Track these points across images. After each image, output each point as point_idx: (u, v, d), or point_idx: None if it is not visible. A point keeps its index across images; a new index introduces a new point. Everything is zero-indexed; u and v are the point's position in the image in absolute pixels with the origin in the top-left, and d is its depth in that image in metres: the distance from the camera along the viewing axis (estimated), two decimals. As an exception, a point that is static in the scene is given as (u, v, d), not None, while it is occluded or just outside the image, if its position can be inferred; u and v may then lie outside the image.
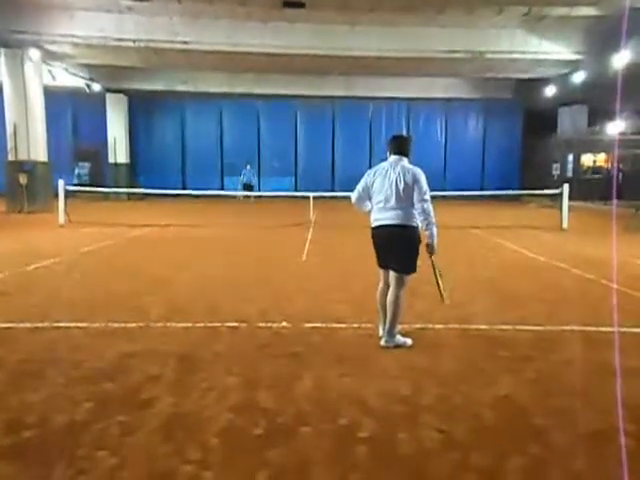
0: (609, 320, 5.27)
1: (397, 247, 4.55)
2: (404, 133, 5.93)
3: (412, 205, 4.49)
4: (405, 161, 4.64)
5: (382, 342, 4.64)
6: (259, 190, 25.08)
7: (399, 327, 4.71)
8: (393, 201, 4.49)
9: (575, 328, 5.20)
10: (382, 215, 4.57)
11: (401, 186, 4.46)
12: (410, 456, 2.89)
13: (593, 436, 3.11)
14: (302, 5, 14.89)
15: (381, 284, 4.80)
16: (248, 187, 24.11)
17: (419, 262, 4.59)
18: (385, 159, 4.75)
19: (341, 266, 8.58)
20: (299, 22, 16.38)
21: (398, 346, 4.60)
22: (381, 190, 4.57)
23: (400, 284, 4.58)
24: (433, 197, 4.61)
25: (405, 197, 4.46)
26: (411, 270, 4.58)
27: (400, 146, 4.69)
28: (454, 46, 17.30)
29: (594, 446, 3.00)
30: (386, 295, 4.66)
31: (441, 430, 3.14)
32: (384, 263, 4.72)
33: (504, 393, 3.68)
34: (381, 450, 2.94)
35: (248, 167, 24.98)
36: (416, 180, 4.48)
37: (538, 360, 4.34)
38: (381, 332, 4.74)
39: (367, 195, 4.74)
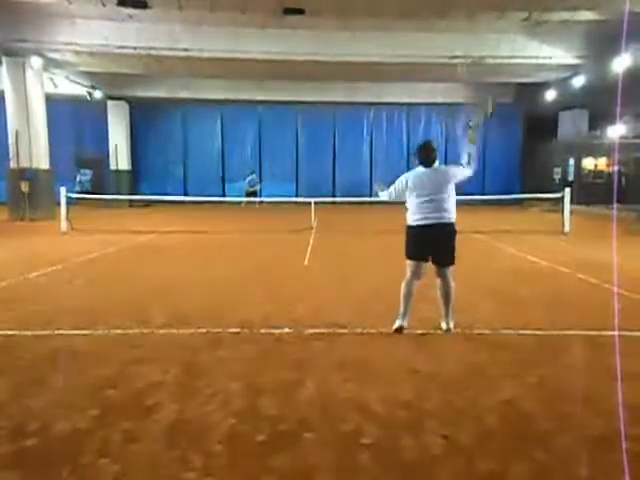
0: (612, 324, 5.25)
1: (447, 243, 5.07)
2: (429, 141, 6.32)
3: (452, 201, 5.08)
4: (436, 167, 5.21)
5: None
6: (260, 196, 25.07)
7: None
8: (440, 200, 5.00)
9: (578, 332, 5.19)
10: (431, 214, 5.00)
11: (445, 184, 5.05)
12: (414, 462, 2.88)
13: (597, 441, 3.11)
14: (302, 12, 14.92)
15: (409, 276, 5.15)
16: (252, 194, 23.97)
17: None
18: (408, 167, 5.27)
19: (343, 271, 8.58)
20: (299, 29, 16.41)
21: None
22: (424, 189, 5.02)
23: (451, 275, 5.14)
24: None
25: (448, 194, 5.04)
26: (455, 260, 5.14)
27: (428, 156, 5.16)
28: (455, 51, 17.31)
29: (598, 451, 3.00)
30: (411, 287, 5.12)
31: (445, 435, 3.14)
32: (424, 256, 5.11)
33: (507, 398, 3.67)
34: (385, 456, 2.93)
35: (253, 175, 24.94)
36: (451, 169, 5.25)
37: (541, 365, 4.33)
38: (398, 323, 5.11)
39: (401, 196, 5.25)
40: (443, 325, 5.20)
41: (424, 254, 5.12)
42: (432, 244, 5.08)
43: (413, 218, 5.10)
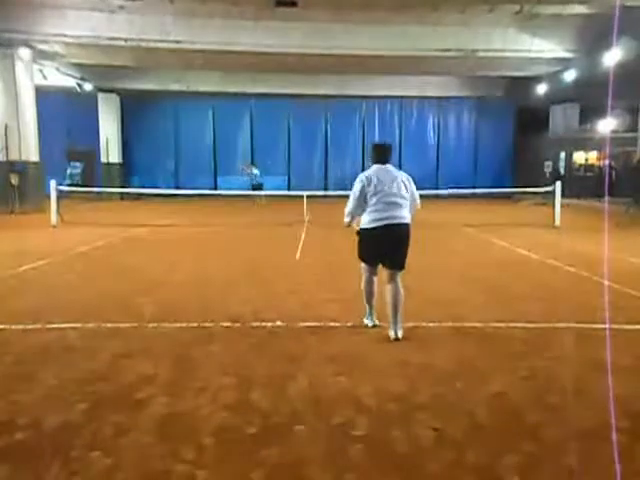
0: (602, 317, 5.29)
1: (404, 244, 4.81)
2: (385, 141, 6.33)
3: (409, 204, 4.87)
4: (390, 166, 4.96)
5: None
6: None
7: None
8: (400, 200, 4.77)
9: (568, 325, 5.23)
10: (391, 214, 4.73)
11: (402, 186, 4.81)
12: (405, 454, 2.89)
13: (586, 433, 3.13)
14: (294, 4, 14.87)
15: (367, 276, 5.03)
16: (257, 187, 23.24)
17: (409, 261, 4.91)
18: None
19: (334, 265, 8.57)
20: (292, 21, 16.34)
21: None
22: (383, 190, 4.76)
23: (399, 279, 4.83)
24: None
25: (406, 196, 4.82)
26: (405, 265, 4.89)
27: (386, 154, 4.99)
28: (447, 45, 17.32)
29: (587, 443, 3.02)
30: (372, 285, 5.03)
31: (435, 428, 3.15)
32: (379, 261, 4.90)
33: (498, 391, 3.69)
34: (376, 448, 2.94)
35: (254, 169, 24.14)
36: (410, 182, 4.92)
37: (531, 357, 4.35)
38: (370, 323, 5.10)
39: (363, 201, 4.85)
40: (392, 334, 4.72)
41: (379, 258, 4.88)
42: (388, 247, 4.78)
43: (370, 218, 4.77)
